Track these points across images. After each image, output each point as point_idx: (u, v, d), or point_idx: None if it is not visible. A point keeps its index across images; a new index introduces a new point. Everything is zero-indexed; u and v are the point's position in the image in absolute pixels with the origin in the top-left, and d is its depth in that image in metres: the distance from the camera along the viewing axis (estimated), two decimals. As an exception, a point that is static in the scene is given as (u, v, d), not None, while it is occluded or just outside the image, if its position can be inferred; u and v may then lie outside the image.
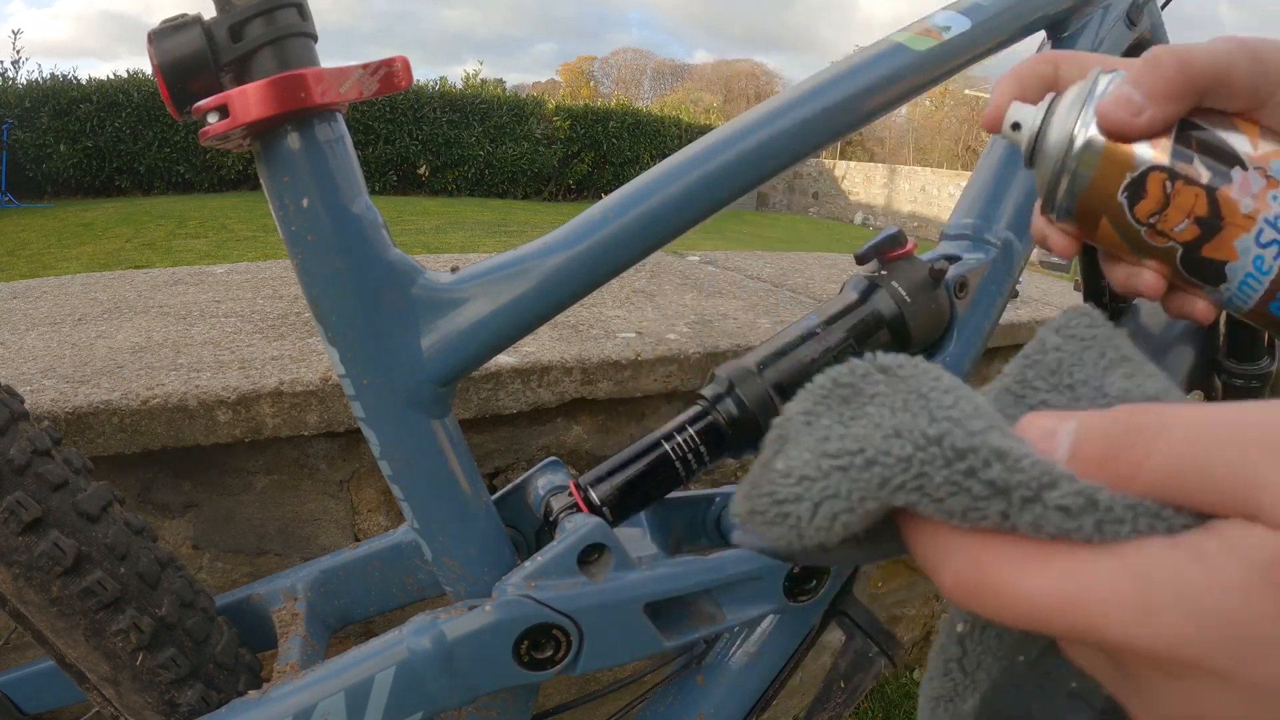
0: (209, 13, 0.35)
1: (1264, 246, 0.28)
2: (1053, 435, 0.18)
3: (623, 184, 0.43)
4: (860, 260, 0.47)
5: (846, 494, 0.18)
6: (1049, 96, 0.33)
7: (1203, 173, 0.29)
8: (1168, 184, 0.29)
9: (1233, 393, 0.83)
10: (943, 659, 0.24)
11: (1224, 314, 0.73)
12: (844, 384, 0.20)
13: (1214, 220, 0.29)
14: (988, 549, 0.18)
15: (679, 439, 0.44)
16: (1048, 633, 0.18)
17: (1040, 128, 0.32)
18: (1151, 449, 0.17)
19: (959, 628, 0.24)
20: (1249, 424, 0.16)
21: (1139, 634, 0.16)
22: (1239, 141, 0.29)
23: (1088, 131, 0.30)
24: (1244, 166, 0.29)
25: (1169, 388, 0.21)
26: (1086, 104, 0.30)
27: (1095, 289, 0.74)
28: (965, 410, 0.18)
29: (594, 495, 0.44)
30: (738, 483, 0.27)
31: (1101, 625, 0.16)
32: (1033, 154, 0.33)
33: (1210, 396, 0.83)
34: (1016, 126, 0.33)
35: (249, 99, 0.34)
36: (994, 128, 0.34)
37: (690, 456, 0.44)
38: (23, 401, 0.43)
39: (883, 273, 0.46)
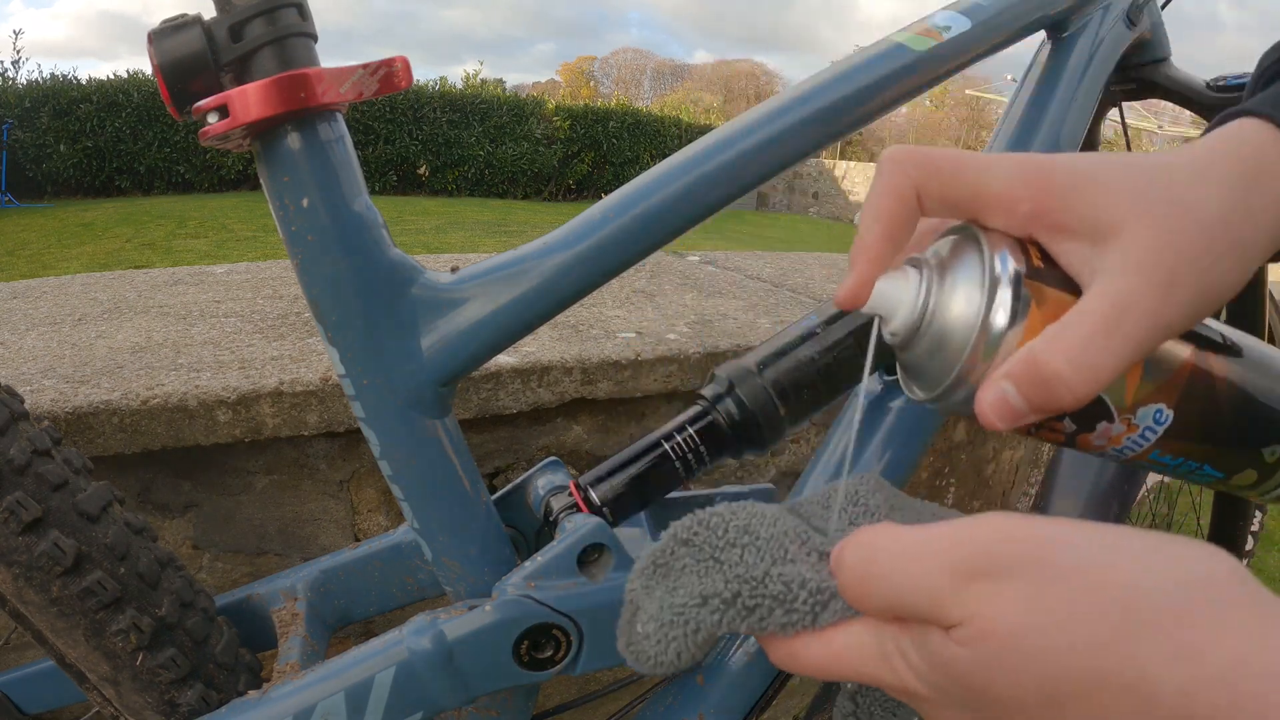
0: (209, 13, 0.35)
1: (1104, 456, 0.31)
2: (836, 564, 0.26)
3: (623, 184, 0.43)
4: (860, 260, 0.47)
5: (683, 643, 0.28)
6: (925, 282, 0.27)
7: (1069, 426, 0.28)
8: (1033, 429, 0.29)
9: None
10: (840, 715, 0.33)
11: (1223, 311, 0.74)
12: (660, 564, 0.29)
13: (1069, 444, 0.30)
14: (792, 640, 0.27)
15: (679, 439, 0.44)
16: (848, 680, 0.28)
17: (915, 335, 0.28)
18: (870, 591, 0.25)
19: (849, 686, 0.33)
20: (932, 556, 0.23)
21: (884, 676, 0.25)
22: (1116, 394, 0.27)
23: (969, 388, 0.27)
24: (1111, 420, 0.28)
25: (929, 514, 0.32)
26: (978, 326, 0.26)
27: None
28: (750, 561, 0.28)
29: (594, 495, 0.44)
30: (737, 484, 0.32)
31: (867, 672, 0.25)
32: (904, 346, 0.29)
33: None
34: (881, 317, 0.28)
35: (249, 99, 0.34)
36: (854, 305, 0.28)
37: (690, 456, 0.44)
38: (23, 401, 0.43)
39: (883, 273, 0.46)
